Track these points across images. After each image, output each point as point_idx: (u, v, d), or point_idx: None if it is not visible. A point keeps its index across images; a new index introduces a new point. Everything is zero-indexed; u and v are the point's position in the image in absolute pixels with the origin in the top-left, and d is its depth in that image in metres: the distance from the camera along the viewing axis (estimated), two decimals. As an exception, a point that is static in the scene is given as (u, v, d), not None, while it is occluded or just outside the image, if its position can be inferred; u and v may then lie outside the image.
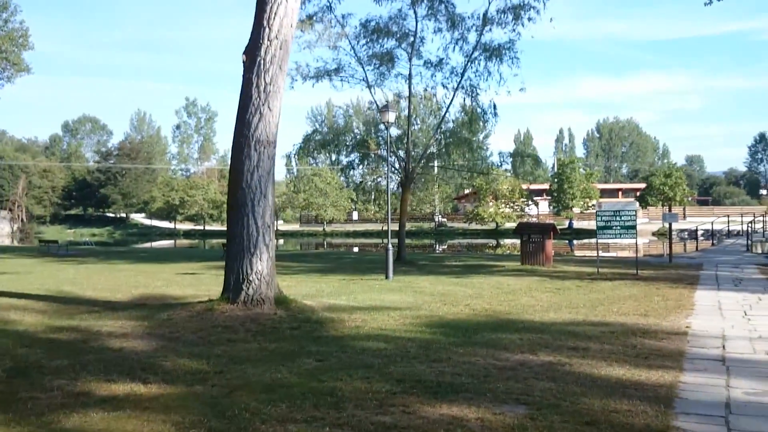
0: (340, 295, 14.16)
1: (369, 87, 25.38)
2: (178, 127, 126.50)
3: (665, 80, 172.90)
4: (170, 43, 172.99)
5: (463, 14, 25.45)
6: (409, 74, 25.59)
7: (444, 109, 26.42)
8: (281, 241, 76.44)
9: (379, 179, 30.40)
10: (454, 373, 7.16)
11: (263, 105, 11.15)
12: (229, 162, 11.81)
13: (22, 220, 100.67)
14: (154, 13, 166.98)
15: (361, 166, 27.76)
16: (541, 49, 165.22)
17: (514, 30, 25.09)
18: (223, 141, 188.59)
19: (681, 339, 9.18)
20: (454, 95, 25.60)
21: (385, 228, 77.24)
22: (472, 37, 25.44)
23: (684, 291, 14.80)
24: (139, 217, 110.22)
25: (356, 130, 28.32)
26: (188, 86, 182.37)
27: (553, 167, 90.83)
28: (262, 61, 11.13)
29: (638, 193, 76.76)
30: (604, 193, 79.48)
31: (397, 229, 26.01)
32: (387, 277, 17.84)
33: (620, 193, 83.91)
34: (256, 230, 11.18)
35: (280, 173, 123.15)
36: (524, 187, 75.24)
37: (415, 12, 25.37)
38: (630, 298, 13.75)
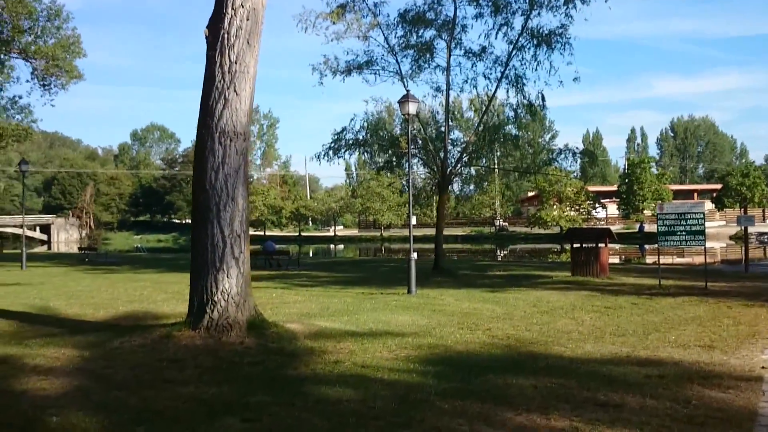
0: (344, 314, 12.07)
1: (402, 80, 23.18)
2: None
3: (742, 78, 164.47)
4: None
5: (507, -2, 23.03)
6: (447, 65, 23.23)
7: (486, 103, 23.95)
8: (341, 246, 74.95)
9: (423, 182, 28.39)
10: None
11: (228, 89, 9.20)
12: (194, 157, 9.86)
13: (90, 227, 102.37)
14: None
15: (398, 168, 25.57)
16: (611, 48, 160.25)
17: (566, 14, 22.54)
18: (285, 147, 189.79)
19: (754, 388, 6.72)
20: (497, 87, 23.13)
21: (445, 233, 75.09)
22: (517, 22, 23.01)
23: (761, 311, 12.12)
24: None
25: (396, 128, 26.02)
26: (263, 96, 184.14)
27: (625, 168, 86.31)
28: (225, 35, 9.18)
29: (714, 195, 71.96)
30: (678, 194, 74.93)
31: (436, 234, 23.87)
32: (409, 291, 15.69)
33: (695, 194, 78.98)
34: (222, 240, 9.22)
35: (340, 178, 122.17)
36: (591, 189, 71.79)
37: (453, -4, 23.09)
38: (693, 320, 11.20)
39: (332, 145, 23.58)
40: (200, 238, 9.33)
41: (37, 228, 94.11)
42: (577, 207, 66.74)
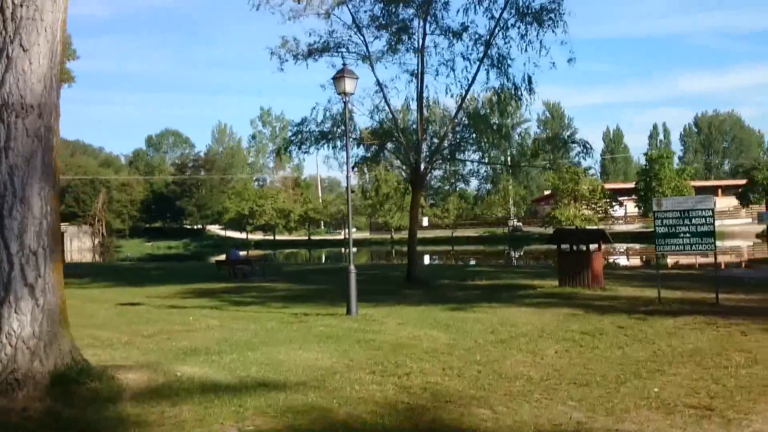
0: (237, 350, 9.26)
1: (369, 62, 20.25)
2: (253, 137, 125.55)
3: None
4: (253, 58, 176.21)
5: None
6: (421, 46, 20.30)
7: (465, 88, 20.82)
8: (354, 249, 71.84)
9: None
10: None
11: (11, 43, 6.52)
12: None
13: (102, 235, 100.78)
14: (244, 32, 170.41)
15: (373, 163, 22.64)
16: (636, 46, 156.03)
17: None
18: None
19: None
20: (478, 69, 20.16)
21: (456, 234, 71.90)
22: (501, -6, 20.05)
23: (788, 341, 9.17)
24: (215, 228, 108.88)
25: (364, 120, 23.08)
26: (265, 99, 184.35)
27: (645, 164, 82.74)
28: (6, -33, 6.52)
29: (740, 190, 68.19)
30: (701, 190, 71.13)
31: (408, 238, 21.08)
32: (348, 312, 12.92)
33: (719, 190, 75.12)
34: (7, 260, 6.53)
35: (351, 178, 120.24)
36: (608, 186, 68.27)
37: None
38: (691, 357, 8.29)
39: (292, 138, 20.79)
40: (-18, 257, 6.65)
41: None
42: (594, 205, 63.40)
